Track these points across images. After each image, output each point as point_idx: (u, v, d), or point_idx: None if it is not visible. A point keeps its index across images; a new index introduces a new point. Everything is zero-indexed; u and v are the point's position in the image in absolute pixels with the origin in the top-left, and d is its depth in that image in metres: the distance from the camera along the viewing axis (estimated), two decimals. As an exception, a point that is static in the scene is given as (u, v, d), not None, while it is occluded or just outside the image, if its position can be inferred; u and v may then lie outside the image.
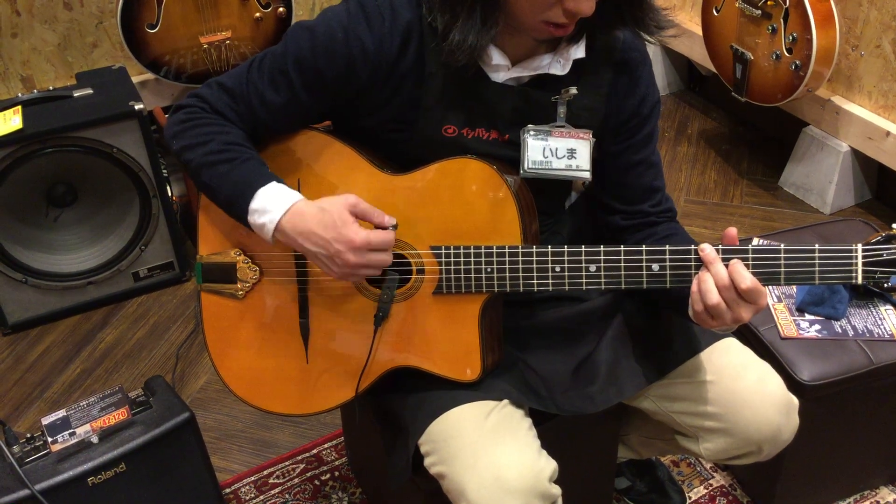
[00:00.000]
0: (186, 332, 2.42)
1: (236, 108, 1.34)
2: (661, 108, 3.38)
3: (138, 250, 2.48)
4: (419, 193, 1.32)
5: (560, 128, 1.34)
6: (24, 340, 2.42)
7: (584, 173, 1.35)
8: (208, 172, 1.32)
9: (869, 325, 1.75)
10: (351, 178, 1.36)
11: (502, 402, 1.35)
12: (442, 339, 1.34)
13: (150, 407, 1.61)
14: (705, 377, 1.39)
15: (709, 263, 1.19)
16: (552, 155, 1.34)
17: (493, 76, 1.31)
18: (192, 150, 1.33)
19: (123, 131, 2.32)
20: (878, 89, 2.62)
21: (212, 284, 1.45)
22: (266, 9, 2.74)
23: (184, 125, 1.34)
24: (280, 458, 2.05)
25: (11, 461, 1.48)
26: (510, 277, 1.29)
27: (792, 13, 2.50)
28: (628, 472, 1.90)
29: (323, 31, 1.28)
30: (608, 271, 1.26)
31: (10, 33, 2.75)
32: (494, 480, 1.25)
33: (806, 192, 2.87)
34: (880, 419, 1.79)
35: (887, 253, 1.17)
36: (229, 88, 1.34)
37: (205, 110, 1.34)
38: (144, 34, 2.63)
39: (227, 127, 1.34)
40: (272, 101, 1.32)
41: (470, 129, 1.33)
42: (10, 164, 2.24)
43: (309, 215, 1.26)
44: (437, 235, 1.32)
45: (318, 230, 1.25)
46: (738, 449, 1.39)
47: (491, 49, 1.28)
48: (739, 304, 1.19)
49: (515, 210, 1.28)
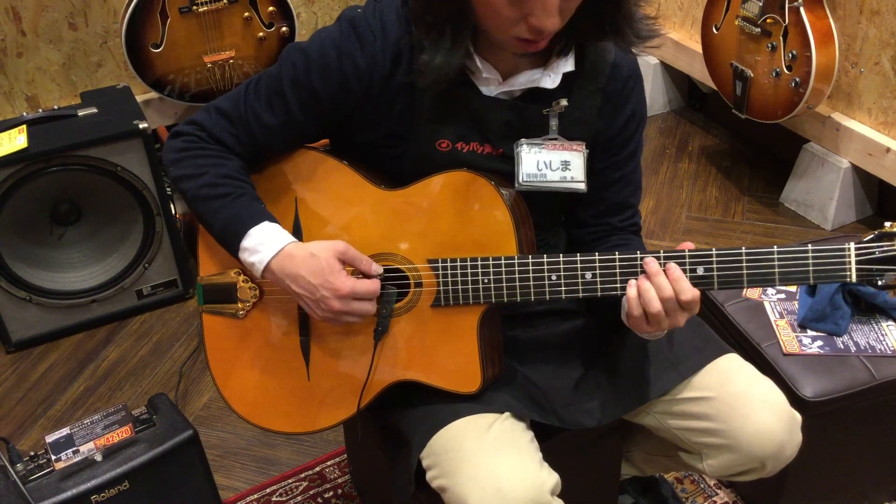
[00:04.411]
0: (189, 350, 2.42)
1: (234, 133, 1.36)
2: (663, 126, 3.42)
3: (142, 268, 2.48)
4: (415, 208, 1.34)
5: (553, 140, 1.35)
6: (27, 358, 2.43)
7: (579, 185, 1.37)
8: (203, 206, 1.35)
9: (871, 340, 1.75)
10: (347, 195, 1.37)
11: (504, 415, 1.35)
12: (442, 352, 1.35)
13: (153, 424, 1.62)
14: (708, 393, 1.39)
15: (652, 275, 1.23)
16: (546, 167, 1.35)
17: (484, 90, 1.33)
18: (187, 180, 1.36)
19: (127, 150, 2.33)
20: (878, 106, 2.63)
21: (213, 305, 1.46)
22: (269, 28, 2.76)
23: (181, 153, 1.37)
24: (283, 475, 2.05)
25: (15, 479, 1.48)
26: (507, 288, 1.30)
27: (791, 31, 2.52)
28: (632, 489, 1.89)
29: (316, 51, 1.31)
30: (604, 278, 1.27)
31: (15, 53, 2.77)
32: (496, 492, 1.25)
33: (807, 209, 2.88)
34: (883, 435, 1.79)
35: (880, 250, 1.18)
36: (227, 113, 1.37)
37: (202, 139, 1.37)
38: (148, 54, 2.65)
39: (223, 158, 1.36)
40: (269, 122, 1.35)
41: (464, 143, 1.35)
42: (15, 182, 2.26)
43: (298, 259, 1.30)
44: (433, 249, 1.33)
45: (306, 275, 1.30)
46: (742, 465, 1.39)
47: (479, 62, 1.30)
48: (679, 313, 1.23)
49: (511, 221, 1.29)
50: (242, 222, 1.33)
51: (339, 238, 1.35)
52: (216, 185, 1.34)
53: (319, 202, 1.39)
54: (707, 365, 1.41)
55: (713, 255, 1.22)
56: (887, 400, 1.72)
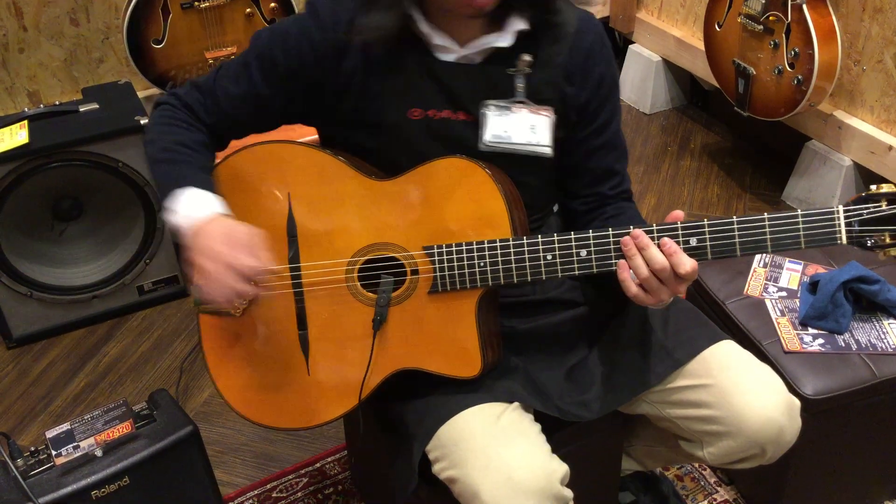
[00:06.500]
0: (190, 346, 2.42)
1: (203, 102, 1.43)
2: (665, 123, 3.41)
3: (143, 264, 2.49)
4: (407, 196, 1.35)
5: (520, 103, 1.37)
6: (28, 354, 2.43)
7: (545, 149, 1.38)
8: (154, 168, 1.42)
9: (872, 338, 1.75)
10: (340, 188, 1.39)
11: (512, 405, 1.36)
12: (441, 338, 1.35)
13: (153, 420, 1.62)
14: (705, 380, 1.39)
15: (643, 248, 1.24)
16: (512, 129, 1.37)
17: (442, 56, 1.35)
18: (150, 145, 1.43)
19: (129, 146, 2.33)
20: (881, 104, 2.62)
21: (209, 305, 1.45)
22: (271, 24, 2.76)
23: (153, 121, 1.45)
24: (283, 471, 2.05)
25: (15, 474, 1.49)
26: (503, 270, 1.31)
27: (794, 28, 2.52)
28: (633, 486, 1.89)
29: (280, 28, 1.41)
30: (599, 254, 1.28)
31: (17, 48, 2.77)
32: (507, 481, 1.25)
33: (809, 206, 2.86)
34: (884, 433, 1.79)
35: (867, 212, 1.19)
36: (199, 85, 1.44)
37: (175, 106, 1.44)
38: (150, 49, 2.65)
39: (186, 128, 1.42)
40: (234, 92, 1.41)
41: (437, 110, 1.37)
42: (17, 178, 2.26)
43: (214, 228, 1.29)
44: (428, 236, 1.34)
45: (218, 238, 1.28)
46: (742, 451, 1.39)
47: (428, 28, 1.32)
48: (678, 283, 1.25)
49: (503, 202, 1.31)
50: (176, 184, 1.34)
51: (333, 230, 1.38)
52: (168, 150, 1.39)
53: (313, 196, 1.40)
54: (703, 352, 1.41)
55: (705, 226, 1.24)
56: (888, 398, 1.72)
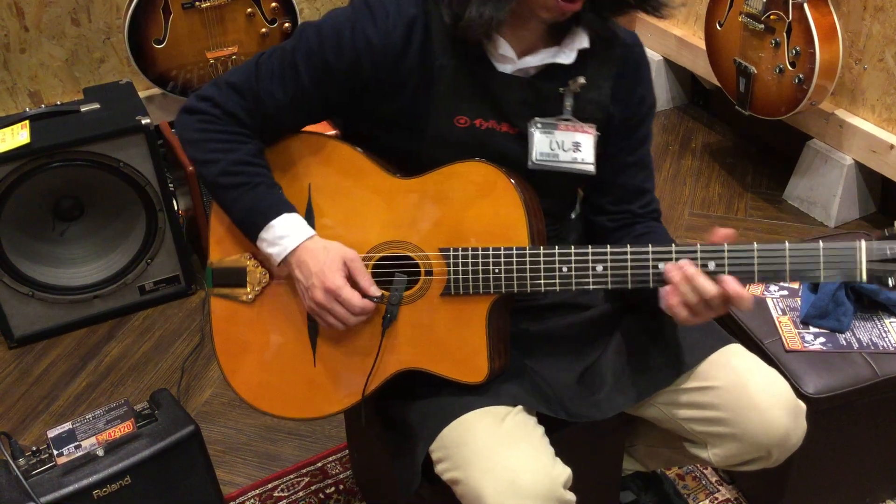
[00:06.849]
0: (192, 346, 2.43)
1: (246, 106, 1.36)
2: (666, 122, 3.41)
3: (144, 264, 2.49)
4: (427, 196, 1.35)
5: (566, 121, 1.37)
6: (30, 354, 2.43)
7: (589, 167, 1.38)
8: (221, 194, 1.38)
9: (874, 337, 1.75)
10: (360, 183, 1.38)
11: (516, 409, 1.35)
12: (449, 341, 1.35)
13: (155, 420, 1.62)
14: (712, 383, 1.39)
15: (691, 278, 1.22)
16: (559, 148, 1.37)
17: (500, 67, 1.34)
18: (204, 166, 1.38)
19: (130, 146, 2.33)
20: (882, 103, 2.62)
21: (222, 289, 1.46)
22: (272, 24, 2.76)
23: (197, 134, 1.38)
24: (285, 471, 2.05)
25: (17, 474, 1.49)
26: (517, 278, 1.30)
27: (795, 27, 2.51)
28: (634, 485, 1.89)
29: (330, 26, 1.33)
30: (615, 271, 1.27)
31: (18, 48, 2.78)
32: (510, 485, 1.25)
33: (810, 206, 2.87)
34: (886, 432, 1.79)
35: (891, 250, 1.17)
36: (238, 87, 1.36)
37: (216, 116, 1.37)
38: (151, 49, 2.65)
39: (237, 141, 1.37)
40: (281, 95, 1.35)
41: (483, 120, 1.36)
42: (18, 178, 2.26)
43: (311, 251, 1.35)
44: (445, 237, 1.34)
45: (310, 263, 1.34)
46: (747, 454, 1.39)
47: (497, 38, 1.32)
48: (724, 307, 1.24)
49: (522, 211, 1.30)
50: (262, 213, 1.35)
51: (349, 224, 1.38)
52: (233, 174, 1.36)
53: (332, 189, 1.40)
54: (711, 355, 1.41)
55: (724, 251, 1.23)
56: (889, 397, 1.72)
